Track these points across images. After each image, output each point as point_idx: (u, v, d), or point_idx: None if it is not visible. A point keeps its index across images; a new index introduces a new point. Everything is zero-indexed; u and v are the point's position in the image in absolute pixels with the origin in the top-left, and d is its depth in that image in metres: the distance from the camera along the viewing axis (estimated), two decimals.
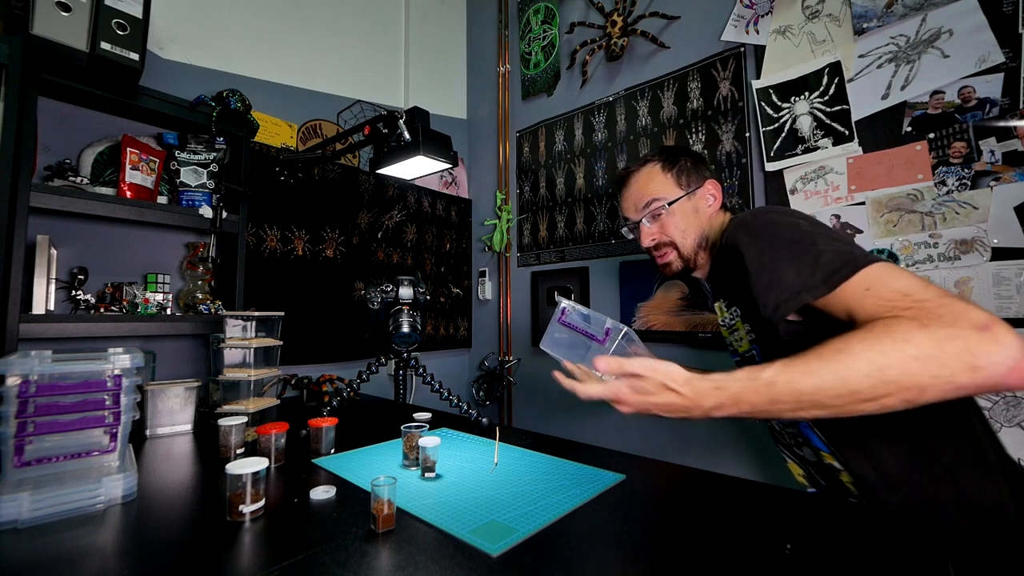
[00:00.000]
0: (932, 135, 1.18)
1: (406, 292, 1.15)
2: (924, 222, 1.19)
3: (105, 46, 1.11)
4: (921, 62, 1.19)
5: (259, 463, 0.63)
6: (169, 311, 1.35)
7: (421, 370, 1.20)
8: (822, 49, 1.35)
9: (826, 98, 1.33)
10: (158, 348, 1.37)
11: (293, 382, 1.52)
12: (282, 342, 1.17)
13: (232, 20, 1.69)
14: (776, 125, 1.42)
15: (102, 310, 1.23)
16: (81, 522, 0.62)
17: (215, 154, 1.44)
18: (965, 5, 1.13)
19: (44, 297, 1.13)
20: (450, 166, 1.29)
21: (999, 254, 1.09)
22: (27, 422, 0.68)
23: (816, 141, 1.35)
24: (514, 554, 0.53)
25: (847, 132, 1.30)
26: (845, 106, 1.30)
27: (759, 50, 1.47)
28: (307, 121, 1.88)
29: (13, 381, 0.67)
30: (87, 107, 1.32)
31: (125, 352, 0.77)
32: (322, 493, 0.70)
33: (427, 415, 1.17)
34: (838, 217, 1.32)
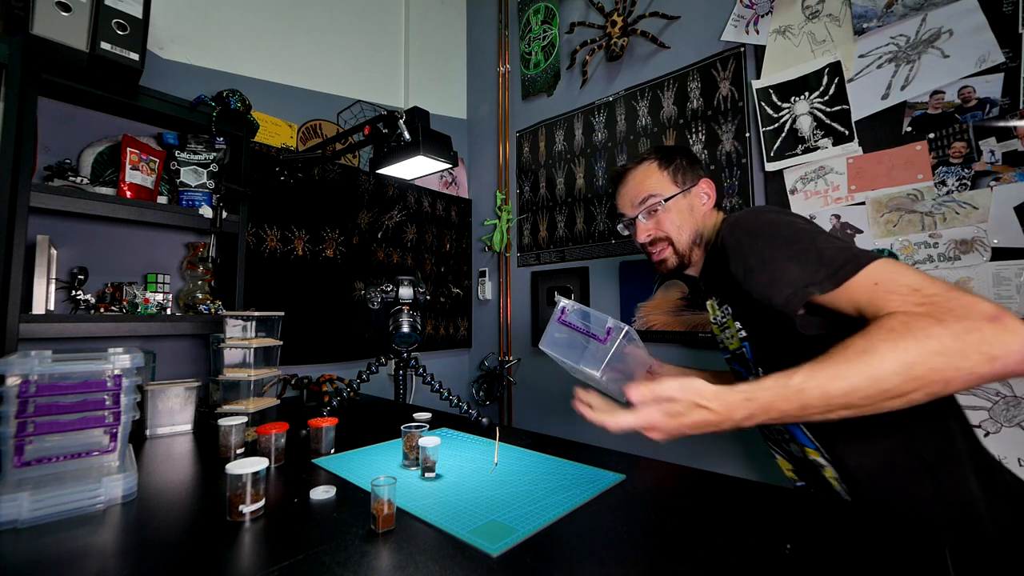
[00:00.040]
0: (932, 135, 1.18)
1: (406, 292, 1.15)
2: (924, 222, 1.19)
3: (105, 46, 1.11)
4: (921, 62, 1.19)
5: (259, 463, 0.63)
6: (169, 311, 1.35)
7: (421, 370, 1.20)
8: (822, 49, 1.35)
9: (826, 98, 1.33)
10: (158, 348, 1.37)
11: (293, 382, 1.52)
12: (282, 342, 1.17)
13: (232, 20, 1.69)
14: (776, 125, 1.42)
15: (102, 310, 1.23)
16: (81, 522, 0.62)
17: (215, 154, 1.44)
18: (965, 5, 1.13)
19: (44, 297, 1.13)
20: (450, 166, 1.29)
21: (999, 254, 1.09)
22: (27, 422, 0.68)
23: (816, 141, 1.35)
24: (514, 554, 0.53)
25: (847, 132, 1.30)
26: (845, 106, 1.30)
27: (759, 50, 1.47)
28: (307, 121, 1.88)
29: (13, 381, 0.67)
30: (87, 107, 1.32)
31: (125, 352, 0.77)
32: (322, 493, 0.70)
33: (427, 415, 1.17)
34: (838, 217, 1.32)
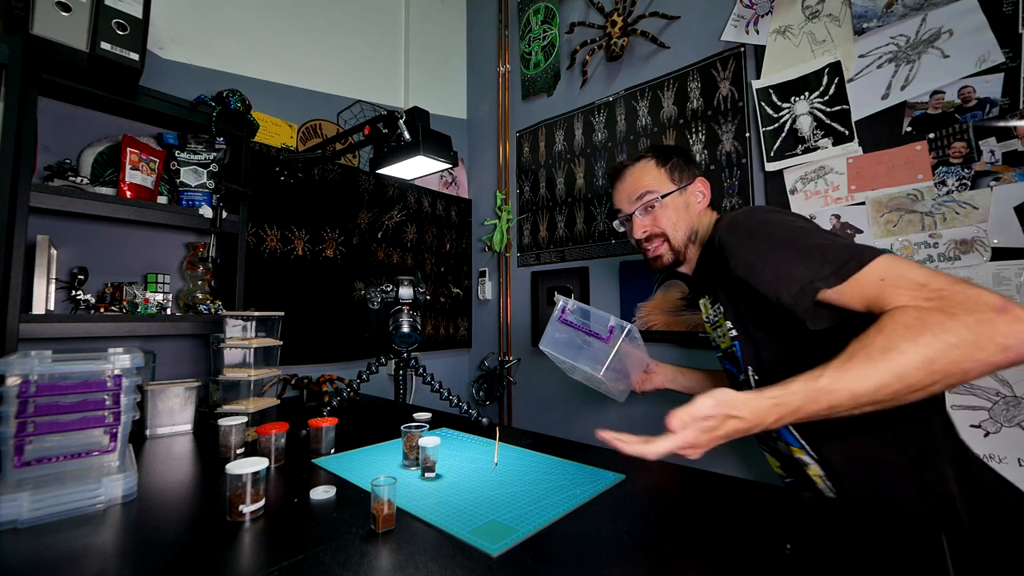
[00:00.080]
0: (932, 135, 1.18)
1: (406, 292, 1.15)
2: (924, 222, 1.19)
3: (105, 46, 1.11)
4: (921, 62, 1.19)
5: (259, 463, 0.63)
6: (169, 311, 1.35)
7: (421, 370, 1.20)
8: (822, 49, 1.35)
9: (826, 98, 1.33)
10: (158, 348, 1.37)
11: (293, 382, 1.52)
12: (282, 342, 1.17)
13: (232, 20, 1.69)
14: (776, 125, 1.42)
15: (102, 310, 1.23)
16: (81, 522, 0.62)
17: (215, 154, 1.43)
18: (965, 5, 1.13)
19: (44, 297, 1.13)
20: (450, 166, 1.29)
21: (999, 254, 1.09)
22: (27, 422, 0.68)
23: (816, 141, 1.35)
24: (514, 554, 0.53)
25: (847, 132, 1.30)
26: (845, 106, 1.30)
27: (759, 50, 1.47)
28: (307, 121, 1.88)
29: (13, 381, 0.67)
30: (87, 107, 1.32)
31: (125, 352, 0.77)
32: (322, 493, 0.70)
33: (427, 415, 1.17)
34: (838, 217, 1.32)
